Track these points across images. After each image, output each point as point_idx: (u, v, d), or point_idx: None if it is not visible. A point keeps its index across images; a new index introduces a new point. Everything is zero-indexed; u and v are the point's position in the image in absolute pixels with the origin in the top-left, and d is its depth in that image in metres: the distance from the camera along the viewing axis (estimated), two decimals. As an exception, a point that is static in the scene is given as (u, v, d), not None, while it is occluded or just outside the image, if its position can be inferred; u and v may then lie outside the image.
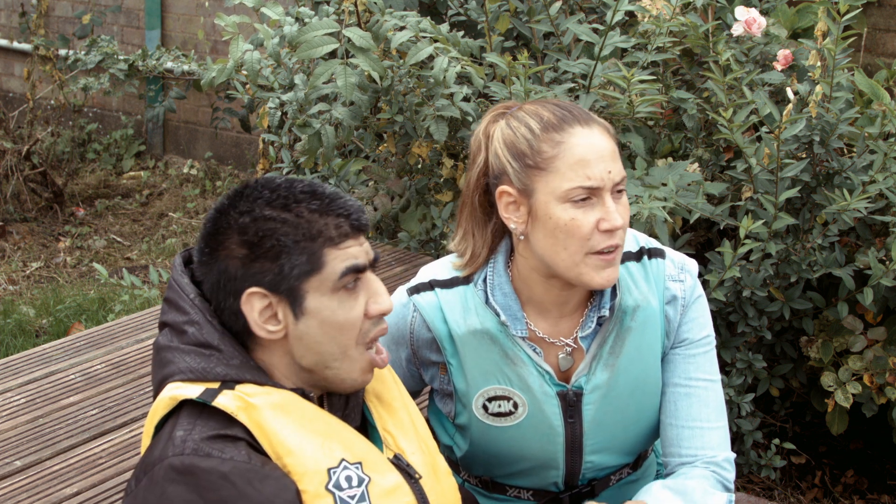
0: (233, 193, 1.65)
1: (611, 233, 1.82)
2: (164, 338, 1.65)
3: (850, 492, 3.47)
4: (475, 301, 1.96)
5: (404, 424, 1.75)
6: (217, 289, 1.62)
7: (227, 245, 1.61)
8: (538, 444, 1.99)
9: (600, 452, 2.02)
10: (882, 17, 4.34)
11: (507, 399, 1.97)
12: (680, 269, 2.01)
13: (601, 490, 2.09)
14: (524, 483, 2.07)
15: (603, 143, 1.84)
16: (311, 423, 1.60)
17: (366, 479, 1.60)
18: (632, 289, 1.96)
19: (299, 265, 1.58)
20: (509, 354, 1.95)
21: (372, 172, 3.74)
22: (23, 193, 6.24)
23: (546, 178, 1.83)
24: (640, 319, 1.96)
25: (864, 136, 3.06)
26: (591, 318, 1.95)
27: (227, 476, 1.49)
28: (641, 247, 2.01)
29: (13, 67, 8.12)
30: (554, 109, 1.87)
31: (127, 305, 4.85)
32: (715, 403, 2.01)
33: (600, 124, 1.88)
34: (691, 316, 2.00)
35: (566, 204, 1.82)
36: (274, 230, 1.58)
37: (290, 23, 3.14)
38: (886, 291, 3.03)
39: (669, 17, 3.24)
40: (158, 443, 1.56)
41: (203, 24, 6.90)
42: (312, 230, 1.59)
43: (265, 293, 1.59)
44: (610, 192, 1.83)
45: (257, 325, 1.60)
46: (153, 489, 1.51)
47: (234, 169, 6.96)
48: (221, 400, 1.55)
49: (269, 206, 1.60)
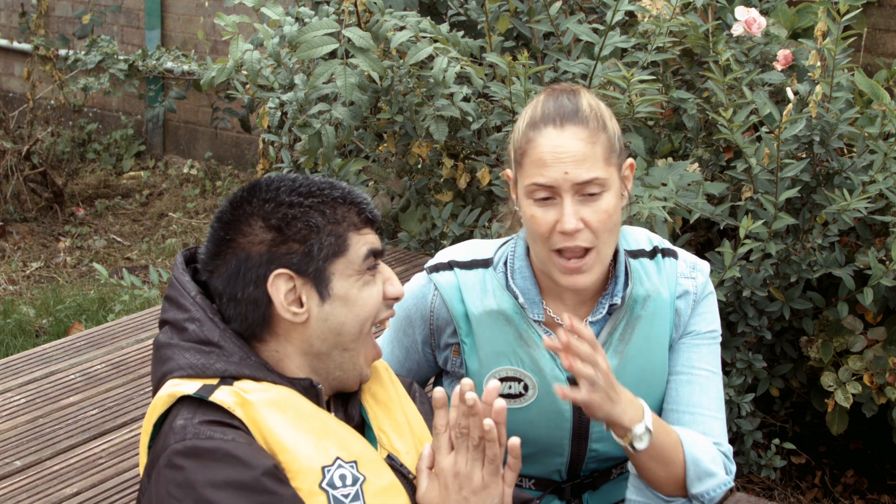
0: (247, 188, 1.68)
1: (567, 234, 1.86)
2: (165, 335, 1.66)
3: (850, 492, 3.47)
4: (493, 284, 2.00)
5: (399, 424, 1.76)
6: (234, 279, 1.63)
7: (248, 232, 1.63)
8: (545, 428, 2.02)
9: (605, 441, 2.03)
10: (882, 17, 4.34)
11: (518, 381, 1.99)
12: (692, 267, 2.06)
13: (602, 483, 2.11)
14: (527, 471, 2.08)
15: (569, 145, 1.87)
16: (307, 420, 1.60)
17: (360, 478, 1.60)
18: (644, 280, 2.01)
19: (328, 246, 1.63)
20: (523, 336, 1.98)
21: (372, 172, 3.74)
22: (23, 193, 6.24)
23: (520, 172, 1.93)
24: (651, 309, 2.00)
25: (864, 136, 3.06)
26: (603, 305, 1.99)
27: (231, 452, 1.51)
28: (655, 246, 2.06)
29: (13, 67, 8.12)
30: (548, 103, 1.92)
31: (127, 305, 4.85)
32: (715, 394, 2.04)
33: (582, 124, 1.89)
34: (701, 310, 2.05)
35: (529, 200, 1.90)
36: (303, 213, 1.63)
37: (290, 23, 3.14)
38: (886, 291, 3.03)
39: (669, 17, 3.24)
40: (161, 437, 1.57)
41: (203, 24, 6.90)
42: (337, 214, 1.65)
43: (291, 275, 1.62)
44: (572, 193, 1.86)
45: (283, 307, 1.62)
46: (161, 477, 1.52)
47: (234, 169, 6.96)
48: (219, 395, 1.56)
49: (293, 193, 1.65)
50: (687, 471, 1.92)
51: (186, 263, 1.71)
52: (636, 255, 2.04)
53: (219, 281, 1.65)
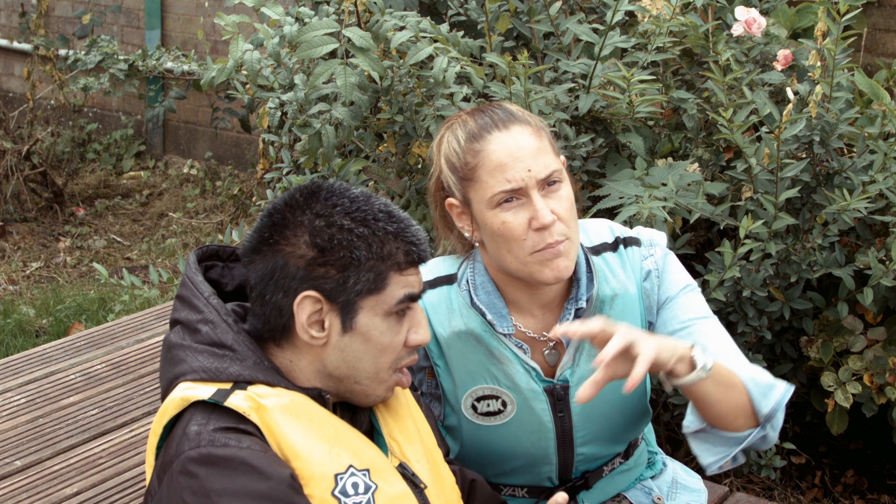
0: (307, 192, 1.64)
1: (544, 230, 1.84)
2: (176, 335, 1.64)
3: (850, 492, 3.47)
4: (459, 302, 1.97)
5: (410, 433, 1.75)
6: (268, 280, 1.61)
7: (293, 242, 1.60)
8: (529, 441, 2.00)
9: (591, 443, 2.03)
10: (882, 17, 4.34)
11: (496, 398, 1.98)
12: (649, 245, 2.04)
13: (595, 481, 2.11)
14: (518, 481, 2.08)
15: (522, 142, 1.86)
16: (320, 427, 1.59)
17: (373, 487, 1.59)
18: (609, 279, 1.99)
19: (364, 282, 1.59)
20: (495, 353, 1.96)
21: (372, 172, 3.74)
22: (23, 193, 6.24)
23: (475, 188, 1.87)
24: (619, 308, 1.99)
25: (864, 136, 3.06)
26: (569, 311, 1.97)
27: (247, 460, 1.49)
28: (617, 237, 2.04)
29: (13, 67, 8.12)
30: (478, 117, 1.90)
31: (127, 305, 4.85)
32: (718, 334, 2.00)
33: (524, 122, 1.89)
34: (665, 278, 2.03)
35: (496, 209, 1.86)
36: (349, 242, 1.59)
37: (290, 23, 3.14)
38: (886, 291, 3.03)
39: (669, 17, 3.24)
40: (173, 441, 1.56)
41: (203, 24, 6.90)
42: (384, 251, 1.60)
43: (320, 299, 1.59)
44: (538, 189, 1.85)
45: (303, 328, 1.60)
46: (174, 484, 1.51)
47: (234, 169, 6.96)
48: (233, 400, 1.55)
49: (347, 216, 1.60)
50: (749, 391, 1.88)
51: (199, 262, 1.71)
52: (599, 250, 2.01)
53: (254, 275, 1.63)
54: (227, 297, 1.73)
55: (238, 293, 1.74)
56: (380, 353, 1.63)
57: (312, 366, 1.64)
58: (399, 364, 1.67)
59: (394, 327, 1.64)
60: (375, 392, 1.67)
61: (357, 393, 1.66)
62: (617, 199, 2.92)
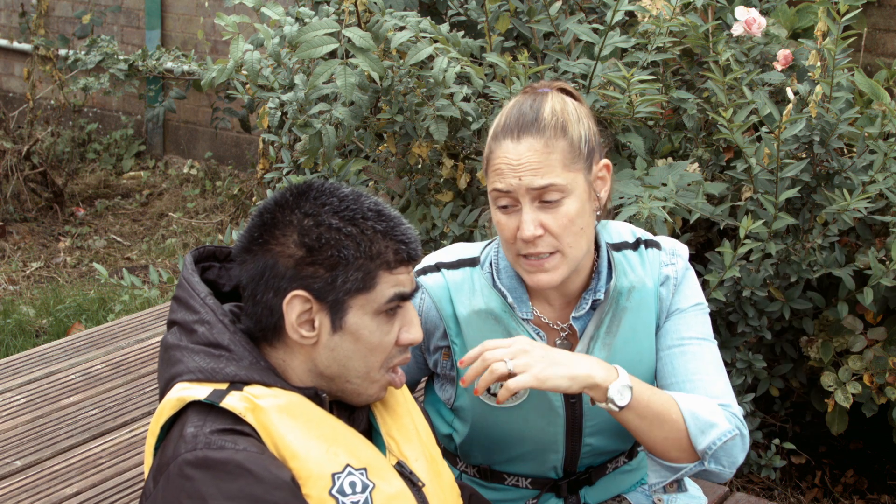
0: (297, 192, 1.64)
1: (528, 241, 1.88)
2: (173, 336, 1.64)
3: (850, 492, 3.47)
4: (481, 283, 2.02)
5: (408, 431, 1.75)
6: (258, 280, 1.61)
7: (282, 241, 1.60)
8: (539, 425, 2.02)
9: (598, 434, 2.04)
10: (882, 17, 4.34)
11: None
12: (671, 253, 2.08)
13: (598, 478, 2.12)
14: (523, 470, 2.08)
15: (525, 157, 1.88)
16: (317, 427, 1.59)
17: (370, 486, 1.59)
18: (627, 272, 2.03)
19: (353, 280, 1.59)
20: (513, 335, 1.98)
21: (372, 172, 3.74)
22: (23, 193, 6.24)
23: (487, 178, 1.96)
24: (636, 300, 2.02)
25: (864, 136, 3.06)
26: (586, 301, 2.00)
27: (243, 464, 1.49)
28: (638, 238, 2.09)
29: (13, 67, 8.12)
30: (510, 115, 1.94)
31: (127, 305, 4.85)
32: (711, 359, 2.02)
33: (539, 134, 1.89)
34: (681, 289, 2.06)
35: (494, 206, 1.93)
36: (337, 241, 1.59)
37: (290, 23, 3.14)
38: (886, 291, 3.03)
39: (669, 17, 3.24)
40: (170, 443, 1.56)
41: (203, 24, 6.90)
42: (373, 250, 1.60)
43: (309, 298, 1.59)
44: (529, 200, 1.88)
45: (293, 327, 1.60)
46: (170, 487, 1.51)
47: (234, 169, 6.96)
48: (229, 401, 1.55)
49: (336, 216, 1.60)
50: (688, 426, 1.88)
51: (195, 263, 1.71)
52: (619, 247, 2.06)
53: (245, 275, 1.64)
54: (224, 297, 1.73)
55: (236, 294, 1.74)
56: (370, 353, 1.63)
57: (304, 365, 1.64)
58: (391, 363, 1.67)
59: (384, 326, 1.64)
60: (367, 391, 1.67)
61: (349, 392, 1.66)
62: (617, 199, 2.92)
